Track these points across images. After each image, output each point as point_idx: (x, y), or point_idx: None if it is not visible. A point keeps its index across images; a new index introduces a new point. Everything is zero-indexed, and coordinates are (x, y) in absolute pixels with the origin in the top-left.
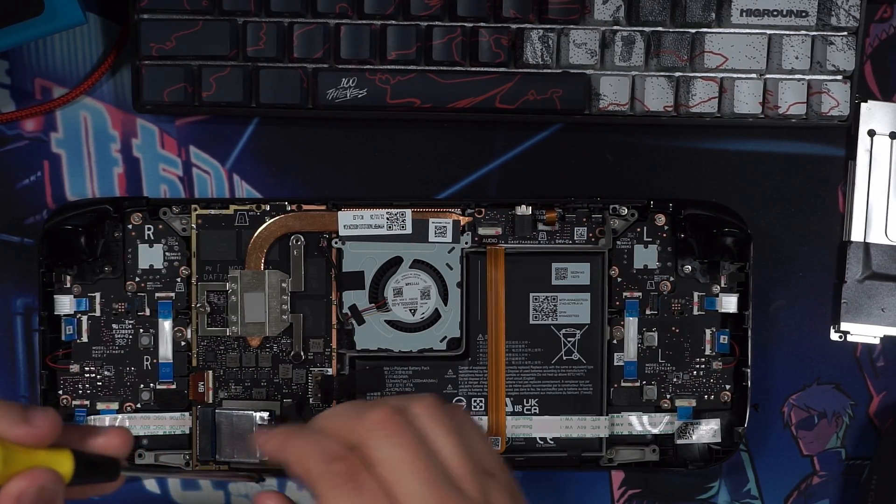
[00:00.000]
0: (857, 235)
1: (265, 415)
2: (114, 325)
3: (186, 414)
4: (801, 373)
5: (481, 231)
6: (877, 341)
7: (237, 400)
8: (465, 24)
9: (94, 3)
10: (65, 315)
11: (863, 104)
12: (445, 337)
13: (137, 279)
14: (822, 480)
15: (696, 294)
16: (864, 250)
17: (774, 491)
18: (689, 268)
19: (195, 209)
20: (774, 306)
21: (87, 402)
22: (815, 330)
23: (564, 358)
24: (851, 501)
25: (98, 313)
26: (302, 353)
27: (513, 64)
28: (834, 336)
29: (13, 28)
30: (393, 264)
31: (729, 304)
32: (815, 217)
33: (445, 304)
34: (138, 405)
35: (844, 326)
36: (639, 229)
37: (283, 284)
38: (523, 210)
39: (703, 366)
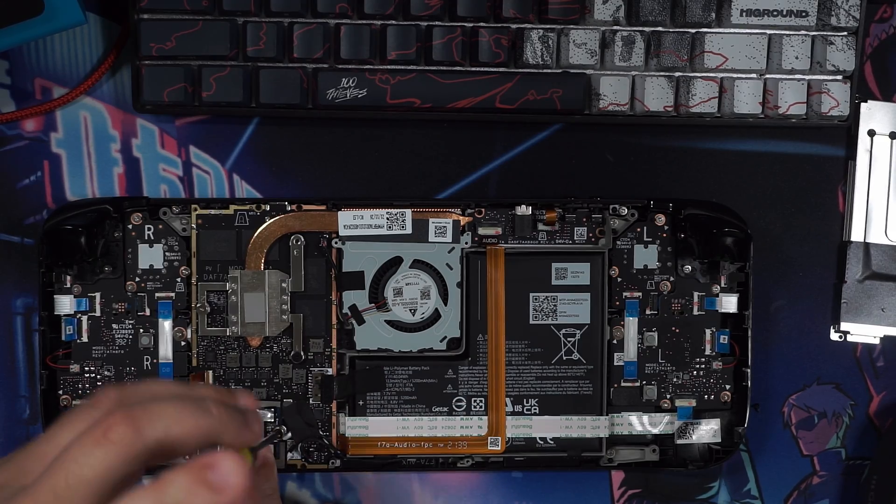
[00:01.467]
0: (857, 235)
1: (268, 413)
2: (114, 325)
3: None
4: (801, 373)
5: (481, 231)
6: (877, 341)
7: None
8: (465, 24)
9: (94, 3)
10: (65, 315)
11: (863, 104)
12: (445, 337)
13: (137, 279)
14: (822, 480)
15: (696, 294)
16: (864, 250)
17: (774, 491)
18: (689, 268)
19: (195, 209)
20: (774, 306)
21: None
22: (815, 330)
23: (564, 358)
24: (851, 501)
25: (98, 313)
26: (302, 353)
27: (513, 64)
28: (834, 336)
29: (13, 28)
30: (393, 264)
31: (729, 304)
32: (815, 217)
33: (445, 304)
34: None
35: (844, 326)
36: (639, 229)
37: (283, 284)
38: (523, 210)
39: (703, 366)
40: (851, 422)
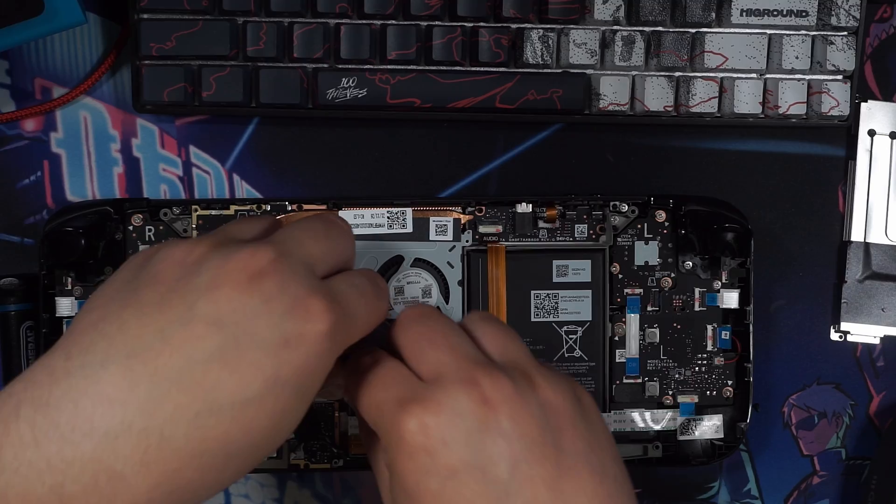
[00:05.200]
0: (857, 235)
1: None
2: None
3: None
4: (801, 373)
5: (482, 229)
6: (877, 341)
7: None
8: (465, 24)
9: (94, 3)
10: (66, 317)
11: (863, 104)
12: None
13: None
14: (822, 480)
15: (697, 290)
16: (864, 250)
17: (774, 491)
18: (689, 264)
19: (196, 210)
20: (774, 306)
21: None
22: (815, 330)
23: (566, 355)
24: (851, 501)
25: None
26: None
27: (513, 64)
28: (834, 336)
29: (13, 28)
30: (394, 263)
31: (730, 299)
32: (815, 217)
33: (447, 303)
34: None
35: (844, 326)
36: (639, 226)
37: None
38: (524, 208)
39: (704, 362)
40: (851, 422)
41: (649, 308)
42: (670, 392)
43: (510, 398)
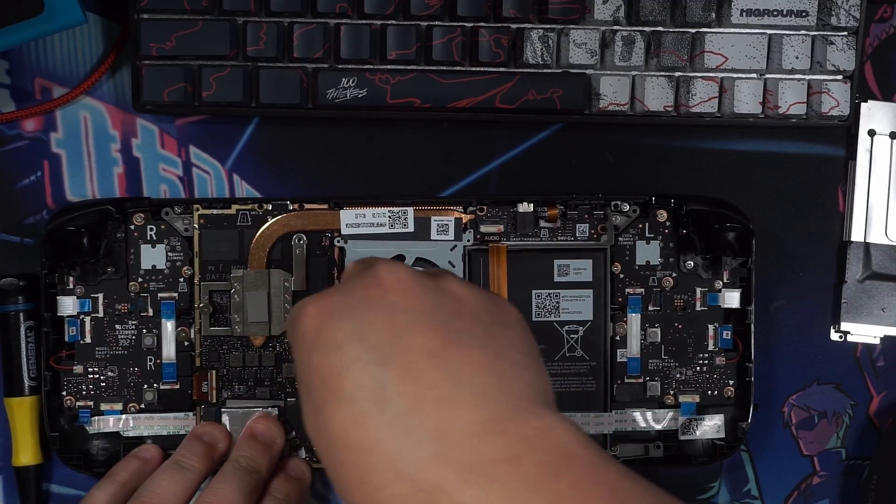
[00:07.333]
0: (857, 235)
1: (274, 411)
2: (117, 326)
3: (190, 414)
4: (801, 373)
5: (483, 228)
6: (877, 341)
7: (241, 399)
8: (465, 24)
9: (94, 3)
10: (68, 316)
11: (863, 104)
12: None
13: (140, 280)
14: (822, 480)
15: (698, 290)
16: (864, 250)
17: (774, 491)
18: (691, 263)
19: (197, 209)
20: (775, 306)
21: (91, 403)
22: (815, 330)
23: (567, 355)
24: (851, 501)
25: (101, 314)
26: None
27: (513, 64)
28: (834, 336)
29: (13, 28)
30: None
31: (731, 299)
32: (815, 217)
33: None
34: (142, 406)
35: (844, 326)
36: (641, 225)
37: (286, 283)
38: (525, 207)
39: (706, 361)
40: (851, 422)
41: (651, 308)
42: (671, 392)
43: (403, 280)
